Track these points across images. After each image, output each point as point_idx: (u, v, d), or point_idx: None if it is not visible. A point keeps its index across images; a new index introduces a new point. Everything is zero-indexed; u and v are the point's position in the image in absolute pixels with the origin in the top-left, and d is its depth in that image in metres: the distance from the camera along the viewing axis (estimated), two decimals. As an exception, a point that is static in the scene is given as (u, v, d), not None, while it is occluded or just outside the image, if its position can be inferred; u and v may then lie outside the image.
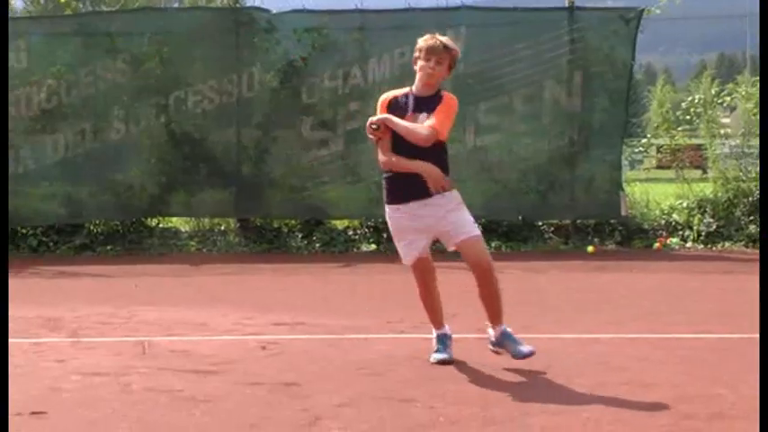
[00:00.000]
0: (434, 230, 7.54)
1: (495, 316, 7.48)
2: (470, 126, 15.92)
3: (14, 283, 13.26)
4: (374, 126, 7.38)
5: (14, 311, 10.50)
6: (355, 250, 16.13)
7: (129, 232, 16.56)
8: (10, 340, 9.16)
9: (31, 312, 10.48)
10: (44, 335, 9.42)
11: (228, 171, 16.40)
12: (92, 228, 16.56)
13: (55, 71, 16.13)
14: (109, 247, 16.06)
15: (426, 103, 7.35)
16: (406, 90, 7.52)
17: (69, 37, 16.57)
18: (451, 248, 7.53)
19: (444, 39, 7.42)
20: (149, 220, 16.85)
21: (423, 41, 7.37)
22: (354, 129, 15.49)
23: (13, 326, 9.85)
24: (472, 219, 7.54)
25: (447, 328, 7.80)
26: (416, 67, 7.40)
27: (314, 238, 16.18)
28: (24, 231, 16.42)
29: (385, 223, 16.66)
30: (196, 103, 16.17)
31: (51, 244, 16.17)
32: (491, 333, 7.55)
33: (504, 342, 7.45)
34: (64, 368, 7.95)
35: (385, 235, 15.93)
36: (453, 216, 7.44)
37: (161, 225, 17.04)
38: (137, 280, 13.33)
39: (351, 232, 16.57)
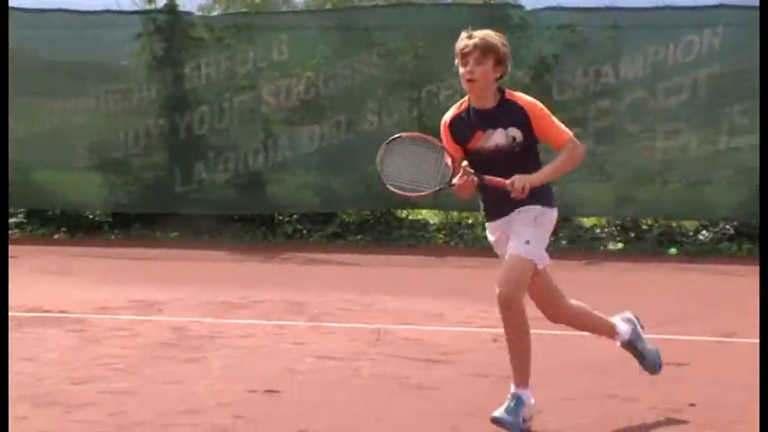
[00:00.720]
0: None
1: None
2: (724, 127, 15.53)
3: (267, 268, 13.85)
4: (515, 194, 5.97)
5: (263, 294, 10.98)
6: (602, 249, 15.98)
7: (380, 223, 16.88)
8: (255, 321, 9.60)
9: (278, 296, 10.88)
10: (287, 318, 9.80)
11: (478, 165, 16.51)
12: (344, 217, 16.95)
13: (314, 64, 16.57)
14: (359, 237, 16.42)
15: (495, 117, 6.06)
16: (463, 103, 6.21)
17: (329, 30, 17.01)
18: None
19: (480, 33, 6.06)
20: (399, 211, 17.14)
21: (457, 44, 6.11)
22: (604, 127, 15.41)
23: (259, 308, 10.32)
24: (533, 239, 6.11)
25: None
26: None
27: (560, 234, 16.12)
28: (281, 218, 16.94)
29: (633, 221, 16.32)
30: (448, 97, 16.27)
31: (305, 231, 16.63)
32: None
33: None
34: (301, 351, 8.28)
35: (633, 234, 15.80)
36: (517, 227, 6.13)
37: (410, 217, 17.31)
38: (384, 270, 13.64)
39: (598, 230, 16.44)
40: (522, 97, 6.11)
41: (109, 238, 15.94)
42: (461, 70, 6.03)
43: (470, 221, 16.96)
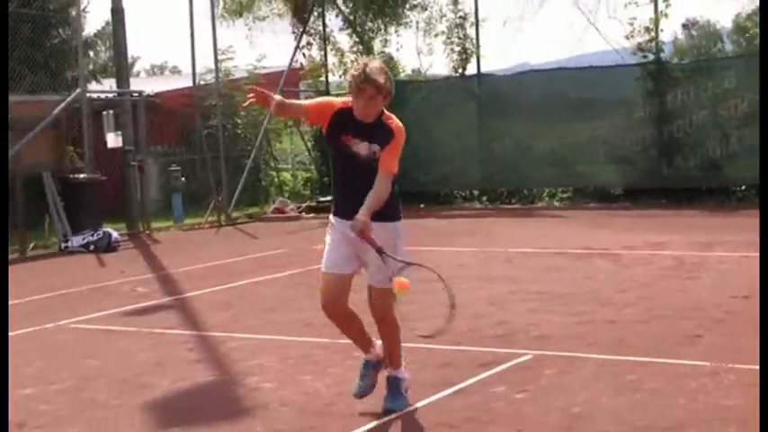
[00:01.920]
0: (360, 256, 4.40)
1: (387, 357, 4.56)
2: None
3: (726, 221, 13.07)
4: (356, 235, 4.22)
5: (727, 237, 10.50)
6: None
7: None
8: (727, 253, 9.17)
9: (738, 238, 10.29)
10: (748, 251, 9.23)
11: None
12: (777, 186, 15.48)
13: (752, 88, 15.25)
14: (789, 198, 14.94)
15: (369, 132, 4.30)
16: (348, 102, 4.34)
17: (756, 68, 15.61)
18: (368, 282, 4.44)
19: (373, 70, 4.21)
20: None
21: (351, 74, 4.27)
22: None
23: (727, 245, 9.93)
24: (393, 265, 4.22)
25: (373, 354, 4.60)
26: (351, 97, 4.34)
27: None
28: (734, 188, 15.57)
29: None
30: None
31: (751, 197, 15.25)
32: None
33: (388, 386, 4.52)
34: (762, 272, 7.80)
35: None
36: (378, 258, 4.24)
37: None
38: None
39: None
40: (395, 122, 4.34)
41: (623, 204, 15.77)
42: (354, 99, 4.28)
43: None
